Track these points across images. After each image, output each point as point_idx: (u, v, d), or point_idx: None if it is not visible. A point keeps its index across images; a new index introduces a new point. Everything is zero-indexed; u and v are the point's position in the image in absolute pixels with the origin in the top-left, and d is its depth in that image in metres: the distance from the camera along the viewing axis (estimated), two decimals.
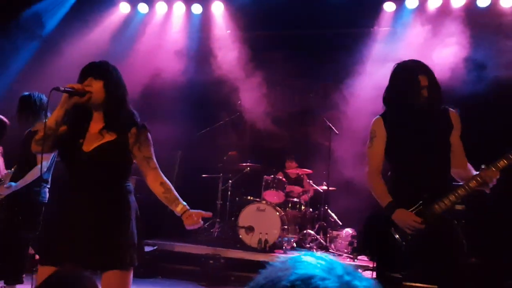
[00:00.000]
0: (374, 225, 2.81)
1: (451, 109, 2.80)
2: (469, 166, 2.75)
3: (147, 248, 5.96)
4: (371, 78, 7.01)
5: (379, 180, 2.78)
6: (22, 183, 4.09)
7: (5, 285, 4.15)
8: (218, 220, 6.86)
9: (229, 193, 6.92)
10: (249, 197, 6.75)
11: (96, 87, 2.36)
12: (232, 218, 6.74)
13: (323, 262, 0.82)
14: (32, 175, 4.10)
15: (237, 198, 6.87)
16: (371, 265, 3.13)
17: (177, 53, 7.65)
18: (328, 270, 0.80)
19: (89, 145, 2.37)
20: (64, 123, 2.40)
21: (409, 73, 2.71)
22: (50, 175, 4.33)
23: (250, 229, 6.25)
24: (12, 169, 4.28)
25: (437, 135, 2.73)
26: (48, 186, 4.31)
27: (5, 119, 4.70)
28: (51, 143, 2.38)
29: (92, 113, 2.45)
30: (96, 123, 2.43)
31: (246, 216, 6.32)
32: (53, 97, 2.35)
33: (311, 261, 0.82)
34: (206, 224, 6.89)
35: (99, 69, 2.41)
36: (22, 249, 4.15)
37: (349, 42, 7.27)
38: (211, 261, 5.75)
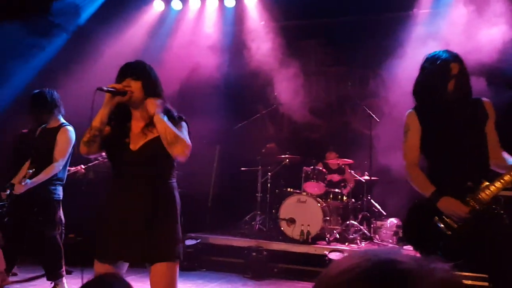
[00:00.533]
0: (417, 215, 2.75)
1: (485, 99, 2.75)
2: (505, 154, 2.69)
3: (190, 242, 6.02)
4: (412, 63, 6.74)
5: (418, 171, 2.73)
6: (37, 180, 4.07)
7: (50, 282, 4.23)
8: (258, 212, 6.84)
9: (268, 185, 6.88)
10: (289, 189, 6.69)
11: (135, 87, 2.41)
12: (273, 211, 6.70)
13: None
14: (47, 173, 4.11)
15: (277, 190, 6.82)
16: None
17: (211, 47, 7.65)
18: None
19: (135, 144, 2.43)
20: (108, 123, 2.46)
21: (440, 63, 2.67)
22: (66, 173, 4.39)
23: (291, 221, 6.19)
24: (33, 169, 4.22)
25: (473, 125, 2.68)
26: (63, 183, 4.32)
27: None
28: (98, 144, 2.43)
29: (131, 113, 2.50)
30: (138, 122, 2.48)
31: (287, 208, 6.26)
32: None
33: None
34: (247, 217, 6.88)
35: (137, 70, 2.46)
36: (51, 247, 4.16)
37: (387, 27, 7.06)
38: (253, 253, 5.75)
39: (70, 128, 4.31)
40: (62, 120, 4.37)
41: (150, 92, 2.45)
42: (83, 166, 5.48)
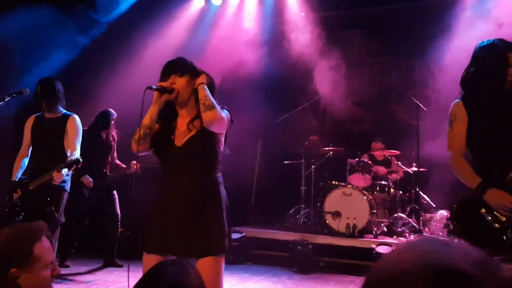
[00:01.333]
0: (464, 208, 2.67)
1: None
2: None
3: (235, 235, 6.03)
4: (460, 49, 6.50)
5: (464, 162, 2.66)
6: (61, 177, 3.77)
7: None
8: (303, 206, 6.77)
9: (312, 178, 6.80)
10: (334, 182, 6.58)
11: (180, 84, 2.43)
12: (318, 204, 6.62)
13: None
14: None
15: (321, 183, 6.73)
16: None
17: (251, 41, 7.61)
18: None
19: (180, 140, 2.45)
20: (156, 122, 2.50)
21: (497, 52, 2.59)
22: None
23: (337, 214, 6.09)
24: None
25: None
26: (70, 175, 4.14)
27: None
28: (149, 141, 2.47)
29: (177, 111, 2.53)
30: (183, 119, 2.51)
31: (332, 201, 6.17)
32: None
33: None
34: (291, 210, 6.83)
35: (180, 66, 2.48)
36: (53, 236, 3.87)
37: (433, 13, 6.80)
38: (299, 247, 5.70)
39: (77, 117, 4.15)
40: (64, 110, 4.18)
41: (193, 80, 2.48)
42: (135, 162, 5.57)
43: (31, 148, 4.11)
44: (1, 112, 4.05)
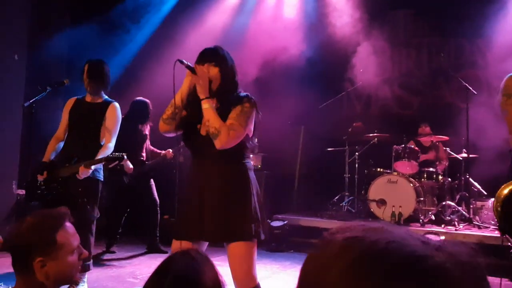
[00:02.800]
0: None
1: None
2: None
3: (277, 223, 6.03)
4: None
5: None
6: (96, 164, 3.63)
7: None
8: (346, 193, 6.66)
9: (356, 165, 6.66)
10: (378, 169, 6.43)
11: (212, 73, 2.44)
12: (362, 192, 6.49)
13: None
14: (104, 155, 3.65)
15: (365, 171, 6.58)
16: None
17: (293, 26, 7.49)
18: None
19: (205, 130, 2.44)
20: (184, 108, 2.49)
21: None
22: None
23: (381, 202, 5.96)
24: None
25: None
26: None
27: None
28: (177, 123, 2.47)
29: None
30: None
31: (377, 189, 6.03)
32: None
33: None
34: (335, 198, 6.74)
35: (215, 55, 2.47)
36: (87, 230, 3.68)
37: None
38: None
39: (118, 105, 3.94)
40: (106, 96, 3.97)
41: (227, 78, 2.47)
42: (170, 150, 5.68)
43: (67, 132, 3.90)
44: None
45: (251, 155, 2.58)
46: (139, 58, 7.23)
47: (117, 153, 3.53)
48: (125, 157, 3.54)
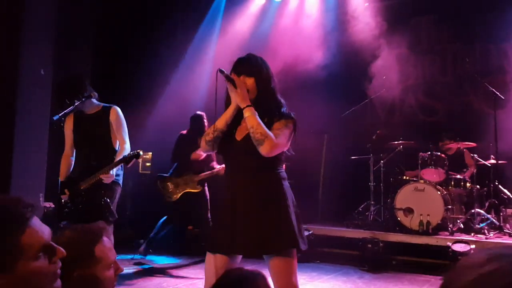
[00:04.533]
0: None
1: None
2: None
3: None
4: None
5: None
6: (116, 167, 3.64)
7: None
8: (372, 202, 6.56)
9: (381, 174, 6.56)
10: (405, 177, 6.32)
11: (248, 83, 2.40)
12: (388, 200, 6.39)
13: None
14: (124, 158, 3.63)
15: (391, 179, 6.48)
16: None
17: (314, 34, 7.49)
18: None
19: (240, 135, 2.43)
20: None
21: None
22: None
23: (409, 211, 5.85)
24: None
25: None
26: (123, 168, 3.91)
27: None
28: (217, 143, 2.46)
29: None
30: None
31: (404, 197, 5.93)
32: None
33: None
34: (361, 207, 6.65)
35: (250, 66, 2.44)
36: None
37: None
38: (369, 245, 5.53)
39: (118, 108, 3.90)
40: (102, 103, 3.92)
41: (263, 87, 2.43)
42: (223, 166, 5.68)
43: (75, 149, 3.92)
44: None
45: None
46: (165, 66, 7.26)
47: (132, 152, 3.55)
48: (141, 153, 3.56)
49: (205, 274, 2.46)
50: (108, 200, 3.66)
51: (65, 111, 3.61)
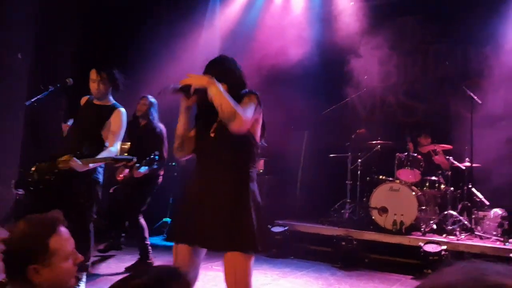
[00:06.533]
0: None
1: None
2: None
3: (278, 229, 6.00)
4: None
5: None
6: (94, 162, 3.61)
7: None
8: (348, 200, 6.62)
9: (359, 172, 6.62)
10: (381, 177, 6.38)
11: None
12: (364, 199, 6.45)
13: None
14: (104, 158, 3.66)
15: (368, 178, 6.54)
16: None
17: (299, 31, 7.49)
18: None
19: (213, 131, 2.42)
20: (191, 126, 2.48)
21: None
22: None
23: (383, 210, 5.92)
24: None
25: None
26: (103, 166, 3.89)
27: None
28: (189, 146, 2.48)
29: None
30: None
31: (379, 197, 5.99)
32: None
33: None
34: (337, 205, 6.70)
35: (219, 70, 2.41)
36: (87, 230, 3.72)
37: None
38: (343, 243, 5.59)
39: (124, 111, 3.93)
40: (114, 101, 3.98)
41: (236, 90, 2.39)
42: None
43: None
44: None
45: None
46: (149, 58, 7.16)
47: (126, 155, 3.52)
48: (135, 159, 3.56)
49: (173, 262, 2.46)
50: (83, 201, 3.63)
51: (38, 97, 3.55)
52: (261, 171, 6.73)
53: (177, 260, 2.41)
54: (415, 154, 6.28)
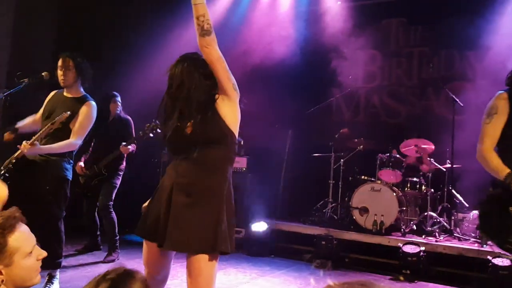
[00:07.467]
0: (492, 206, 2.75)
1: None
2: None
3: (260, 227, 5.99)
4: (504, 43, 6.17)
5: (494, 155, 2.71)
6: (49, 149, 3.57)
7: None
8: (330, 200, 6.64)
9: (341, 172, 6.65)
10: (363, 177, 6.41)
11: None
12: (345, 199, 6.47)
13: None
14: (61, 147, 3.61)
15: (350, 178, 6.57)
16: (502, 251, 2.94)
17: (285, 30, 7.48)
18: None
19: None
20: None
21: None
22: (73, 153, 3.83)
23: (364, 210, 5.94)
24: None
25: None
26: (72, 162, 3.82)
27: None
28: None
29: None
30: None
31: (360, 197, 6.02)
32: None
33: None
34: (318, 204, 6.72)
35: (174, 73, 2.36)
36: (54, 228, 3.67)
37: (477, 3, 6.45)
38: (323, 242, 5.60)
39: (94, 104, 3.85)
40: (85, 92, 3.90)
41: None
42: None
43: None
44: None
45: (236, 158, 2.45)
46: (131, 51, 7.07)
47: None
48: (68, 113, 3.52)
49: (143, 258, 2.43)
50: (52, 198, 3.58)
51: (10, 91, 3.48)
52: (244, 169, 6.70)
53: (146, 257, 2.38)
54: (397, 155, 6.32)
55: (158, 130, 4.71)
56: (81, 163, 5.19)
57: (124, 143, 5.01)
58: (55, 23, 6.79)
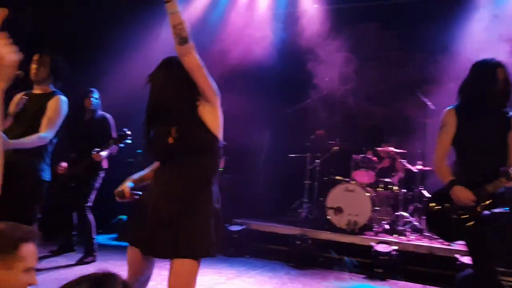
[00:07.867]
0: (433, 202, 3.25)
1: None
2: None
3: (235, 227, 6.06)
4: (473, 48, 6.36)
5: (444, 164, 3.16)
6: (18, 144, 3.46)
7: None
8: (305, 200, 6.76)
9: (317, 173, 6.77)
10: (337, 177, 6.54)
11: None
12: (320, 199, 6.59)
13: None
14: (30, 141, 3.53)
15: (325, 178, 6.69)
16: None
17: (262, 31, 7.55)
18: None
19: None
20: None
21: (489, 67, 3.04)
22: (50, 153, 3.77)
23: (338, 210, 6.07)
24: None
25: (499, 133, 3.05)
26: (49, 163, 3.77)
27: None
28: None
29: None
30: None
31: (335, 197, 6.14)
32: None
33: None
34: (294, 204, 6.82)
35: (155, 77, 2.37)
36: None
37: (448, 9, 6.64)
38: (298, 242, 5.70)
39: (64, 99, 3.80)
40: (54, 88, 3.85)
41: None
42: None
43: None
44: None
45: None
46: (110, 47, 7.00)
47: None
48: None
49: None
50: (29, 200, 3.54)
51: None
52: (221, 169, 6.76)
53: (131, 260, 2.38)
54: (370, 156, 6.47)
55: (128, 141, 4.69)
56: (64, 163, 5.12)
57: (96, 150, 4.86)
58: (29, 20, 6.69)
